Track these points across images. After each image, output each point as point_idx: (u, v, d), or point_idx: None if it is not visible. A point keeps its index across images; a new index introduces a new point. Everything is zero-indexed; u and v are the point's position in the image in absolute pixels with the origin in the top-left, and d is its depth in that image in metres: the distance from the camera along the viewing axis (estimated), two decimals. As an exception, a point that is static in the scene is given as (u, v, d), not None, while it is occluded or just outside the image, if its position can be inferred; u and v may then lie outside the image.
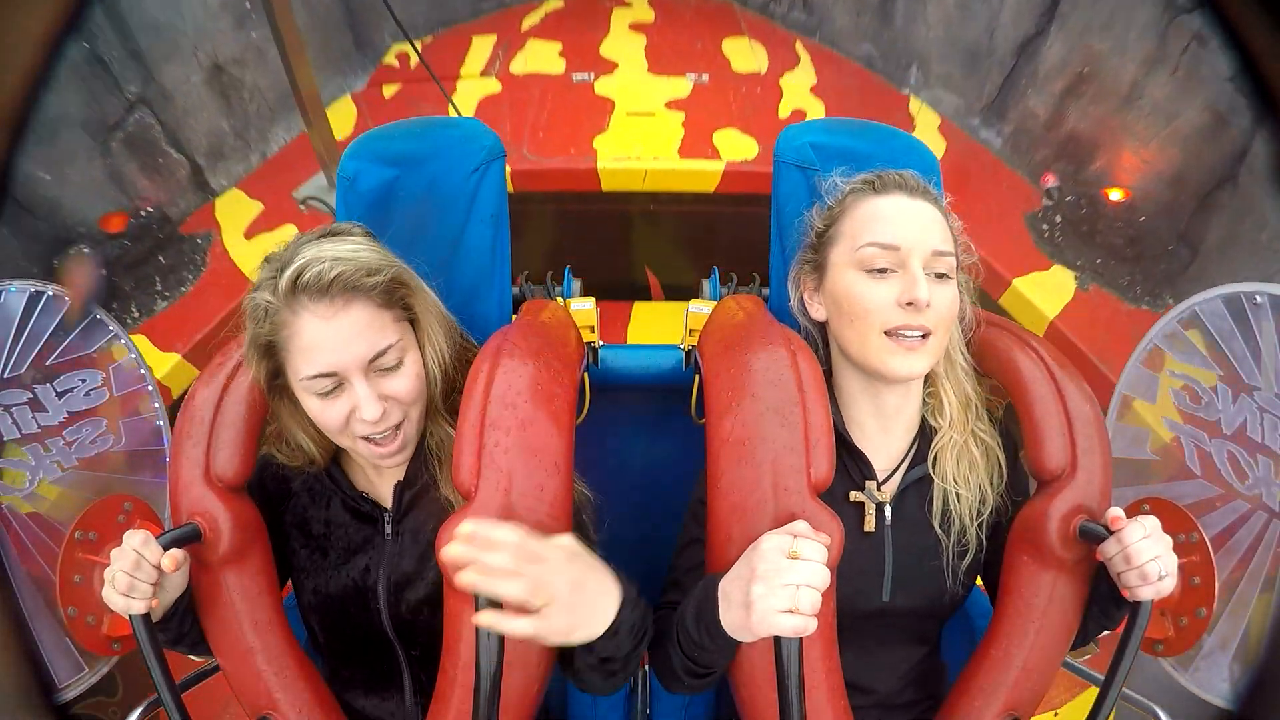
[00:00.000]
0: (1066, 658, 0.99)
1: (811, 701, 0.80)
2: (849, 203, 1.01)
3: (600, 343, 1.34)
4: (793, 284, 1.08)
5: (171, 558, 0.87)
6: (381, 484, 1.04)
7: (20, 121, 0.44)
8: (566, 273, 1.45)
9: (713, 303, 1.29)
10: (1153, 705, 1.04)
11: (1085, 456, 0.93)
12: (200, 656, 1.03)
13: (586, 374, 1.16)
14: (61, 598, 1.02)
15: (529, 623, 0.74)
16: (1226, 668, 1.42)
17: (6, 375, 1.47)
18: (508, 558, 0.73)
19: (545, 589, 0.74)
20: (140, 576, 0.85)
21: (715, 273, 1.47)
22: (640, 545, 1.06)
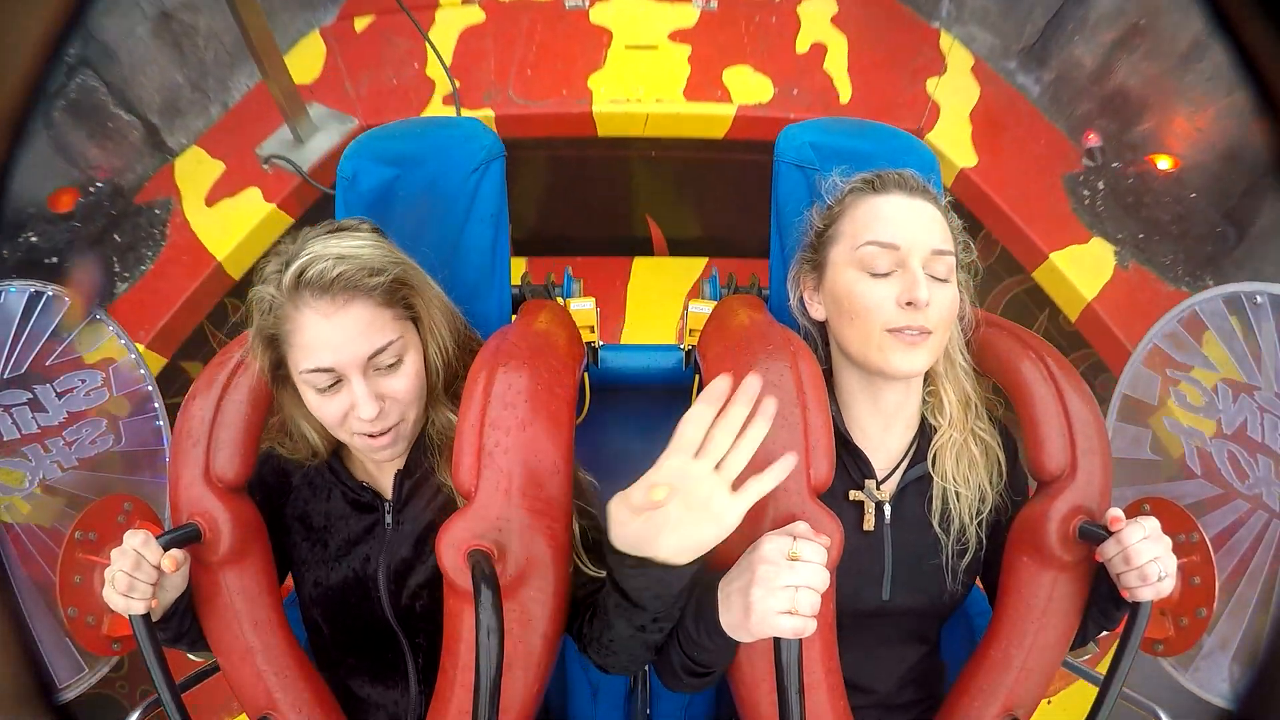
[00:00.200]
0: (1066, 657, 0.99)
1: (811, 702, 0.80)
2: (848, 202, 1.00)
3: (600, 343, 1.34)
4: (792, 283, 1.08)
5: (171, 558, 0.87)
6: (382, 475, 1.04)
7: (20, 122, 0.44)
8: (566, 273, 1.45)
9: (712, 303, 1.29)
10: (1153, 705, 1.04)
11: (1085, 457, 0.93)
12: (199, 656, 1.03)
13: (586, 374, 1.16)
14: (61, 598, 1.02)
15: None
16: (1226, 668, 1.42)
17: (7, 375, 1.47)
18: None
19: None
20: (140, 576, 0.85)
21: (715, 273, 1.47)
22: None
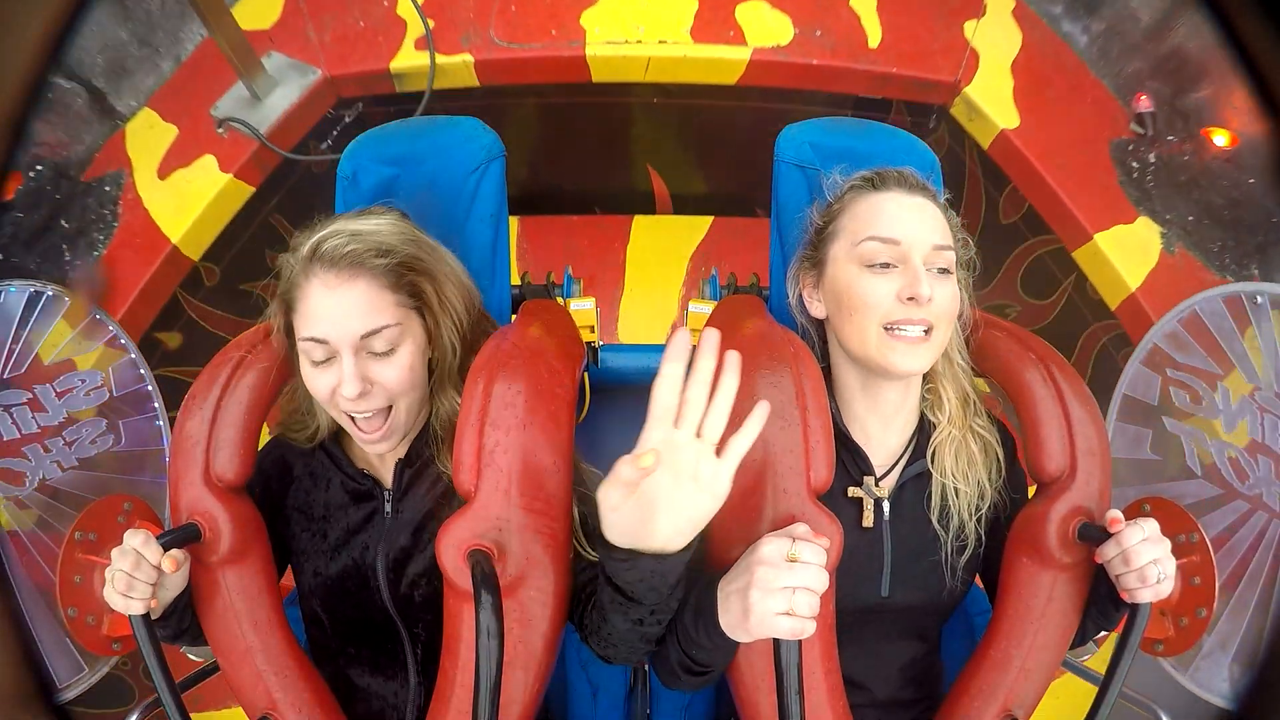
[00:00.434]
0: (1066, 657, 0.99)
1: (810, 703, 0.80)
2: (848, 199, 1.01)
3: (600, 342, 1.34)
4: (791, 281, 1.08)
5: (171, 559, 0.87)
6: (383, 463, 1.04)
7: (20, 122, 0.44)
8: (567, 272, 1.45)
9: (712, 302, 1.29)
10: (1153, 705, 1.04)
11: (1085, 459, 0.93)
12: (199, 655, 1.03)
13: (586, 374, 1.16)
14: (61, 598, 1.02)
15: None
16: (1226, 668, 1.42)
17: (7, 375, 1.47)
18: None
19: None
20: (140, 576, 0.85)
21: (715, 272, 1.47)
22: None
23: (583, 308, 1.32)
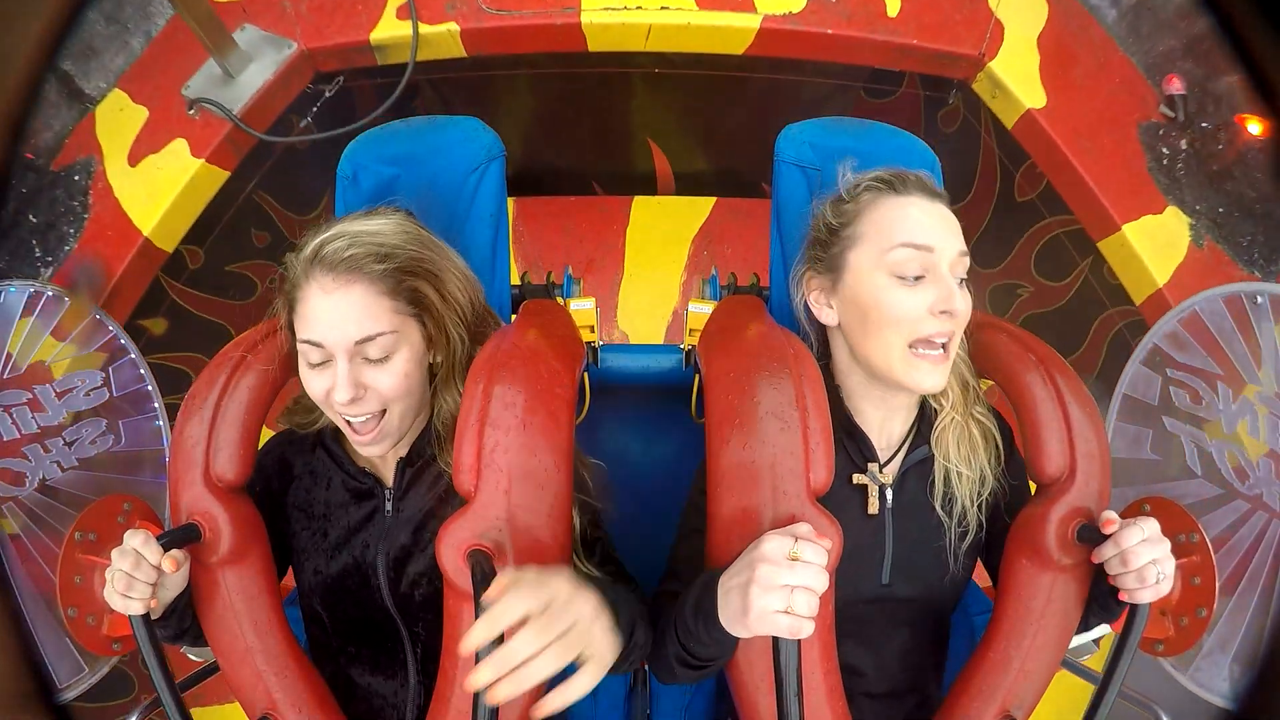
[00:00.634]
0: (1066, 657, 0.99)
1: (810, 704, 0.80)
2: (866, 201, 0.98)
3: (600, 342, 1.34)
4: (795, 283, 1.06)
5: (172, 559, 0.87)
6: (384, 462, 1.04)
7: (20, 122, 0.44)
8: (567, 272, 1.45)
9: (712, 303, 1.29)
10: (1153, 705, 1.04)
11: (1084, 461, 0.93)
12: (198, 655, 1.03)
13: (586, 374, 1.16)
14: (62, 598, 1.02)
15: (587, 678, 0.72)
16: (1226, 668, 1.42)
17: (6, 375, 1.47)
18: (531, 637, 0.69)
19: (580, 639, 0.72)
20: (140, 576, 0.85)
21: (715, 272, 1.47)
22: (640, 545, 1.06)
23: (583, 308, 1.32)
